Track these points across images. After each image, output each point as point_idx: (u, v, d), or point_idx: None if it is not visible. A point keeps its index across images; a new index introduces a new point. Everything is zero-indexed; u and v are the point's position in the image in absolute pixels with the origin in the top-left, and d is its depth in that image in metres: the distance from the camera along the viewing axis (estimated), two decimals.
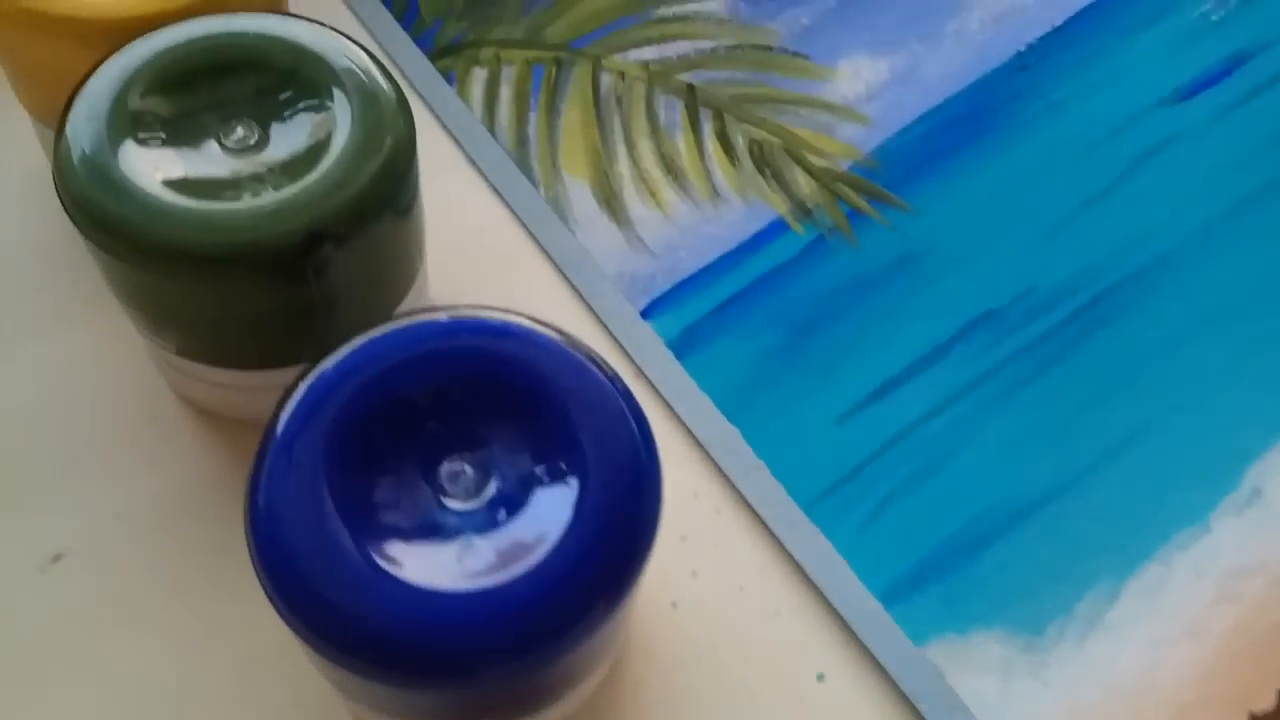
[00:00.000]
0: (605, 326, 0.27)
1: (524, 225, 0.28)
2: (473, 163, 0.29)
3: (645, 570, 0.17)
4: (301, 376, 0.18)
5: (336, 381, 0.18)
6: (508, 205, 0.29)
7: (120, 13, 0.22)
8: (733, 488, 0.25)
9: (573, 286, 0.27)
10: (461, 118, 0.29)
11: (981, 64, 0.29)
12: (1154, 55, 0.29)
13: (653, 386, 0.26)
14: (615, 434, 0.17)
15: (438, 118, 0.30)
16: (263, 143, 0.20)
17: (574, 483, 0.17)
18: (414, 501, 0.17)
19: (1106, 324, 0.26)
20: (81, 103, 0.20)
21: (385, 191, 0.20)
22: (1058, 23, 0.29)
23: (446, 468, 0.18)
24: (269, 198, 0.19)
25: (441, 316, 0.19)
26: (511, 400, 0.18)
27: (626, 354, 0.26)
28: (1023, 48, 0.29)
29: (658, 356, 0.26)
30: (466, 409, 0.18)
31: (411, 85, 0.30)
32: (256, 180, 0.20)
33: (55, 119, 0.25)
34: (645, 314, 0.26)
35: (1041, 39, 0.29)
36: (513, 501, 0.17)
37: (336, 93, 0.21)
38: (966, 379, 0.25)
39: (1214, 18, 0.29)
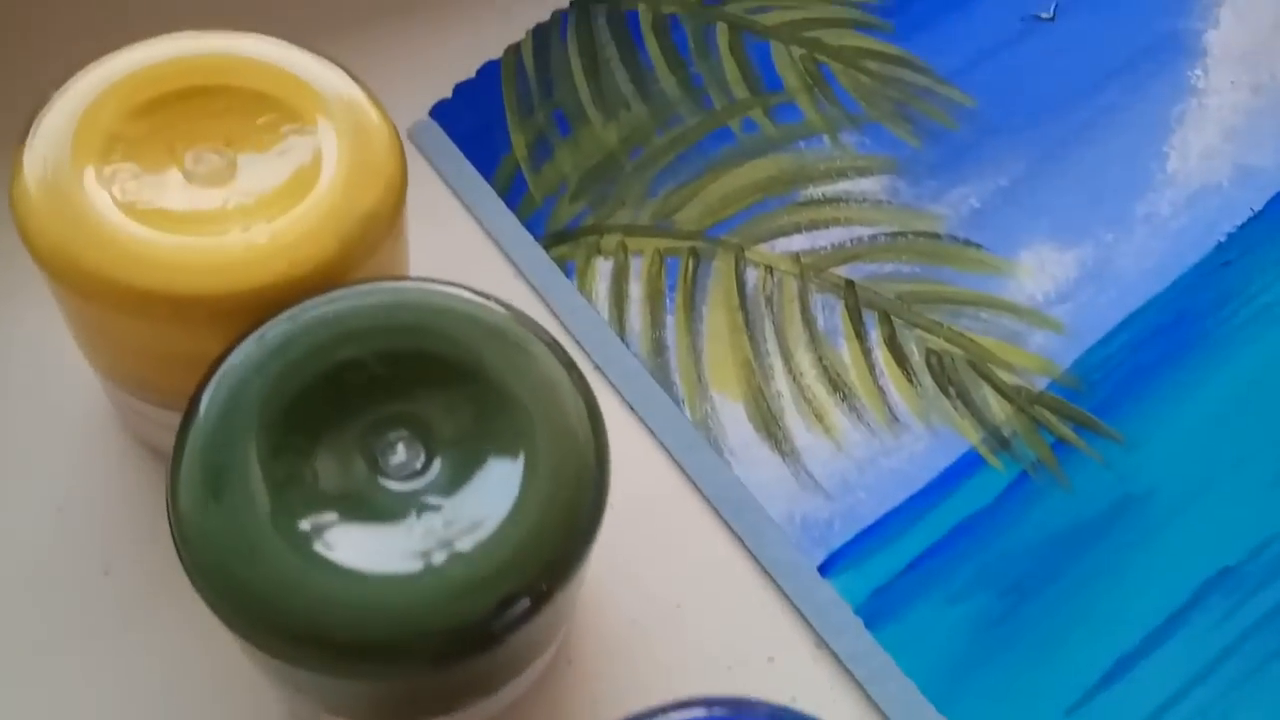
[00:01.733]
0: (778, 585, 0.23)
1: (669, 453, 0.24)
2: (602, 373, 0.25)
3: None
4: None
5: None
6: (648, 428, 0.25)
7: (224, 288, 0.17)
8: None
9: (733, 532, 0.24)
10: (585, 318, 0.25)
11: (1180, 257, 0.26)
12: None
13: (841, 664, 0.22)
14: None
15: (556, 317, 0.26)
16: (427, 469, 0.16)
17: None
18: None
19: None
20: (202, 435, 0.16)
21: (583, 539, 0.16)
22: (1257, 206, 0.26)
23: None
24: (452, 561, 0.15)
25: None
26: None
27: (806, 621, 0.23)
28: (1223, 238, 0.26)
29: (846, 627, 0.22)
30: None
31: (523, 276, 0.26)
32: (435, 534, 0.16)
33: (131, 381, 0.20)
34: (824, 570, 0.23)
35: (1241, 228, 0.26)
36: None
37: (518, 410, 0.16)
38: (1209, 655, 0.22)
39: None
